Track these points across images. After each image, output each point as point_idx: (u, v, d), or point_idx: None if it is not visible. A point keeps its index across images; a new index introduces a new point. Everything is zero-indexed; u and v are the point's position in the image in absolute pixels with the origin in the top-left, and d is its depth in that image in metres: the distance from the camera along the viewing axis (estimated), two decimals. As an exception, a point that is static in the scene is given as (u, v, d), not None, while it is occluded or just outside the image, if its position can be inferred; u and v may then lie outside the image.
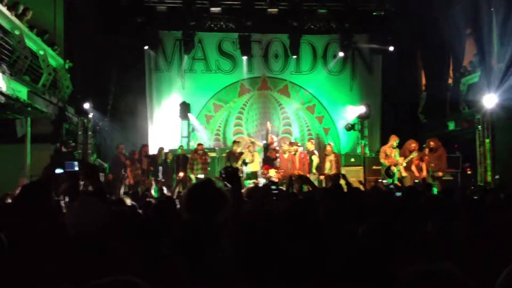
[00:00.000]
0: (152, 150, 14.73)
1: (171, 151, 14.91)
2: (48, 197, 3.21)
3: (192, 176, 13.09)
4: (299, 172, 13.32)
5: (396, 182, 12.06)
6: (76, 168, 3.56)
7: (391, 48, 16.23)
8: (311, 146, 14.13)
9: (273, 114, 17.22)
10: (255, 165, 13.73)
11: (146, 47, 16.10)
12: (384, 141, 14.17)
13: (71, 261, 2.70)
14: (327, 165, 13.53)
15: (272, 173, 12.96)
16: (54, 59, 12.37)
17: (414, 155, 12.27)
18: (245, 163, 13.26)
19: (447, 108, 14.53)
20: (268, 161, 13.51)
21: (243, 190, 6.49)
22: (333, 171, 13.15)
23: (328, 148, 13.95)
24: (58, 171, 3.67)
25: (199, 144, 14.21)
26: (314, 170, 13.58)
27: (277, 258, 2.56)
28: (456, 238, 3.61)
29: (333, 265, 2.69)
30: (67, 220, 3.10)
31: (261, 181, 12.50)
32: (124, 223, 3.36)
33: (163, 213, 4.03)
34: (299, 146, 14.27)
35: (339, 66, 17.33)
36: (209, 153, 14.65)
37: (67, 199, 4.18)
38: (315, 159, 13.72)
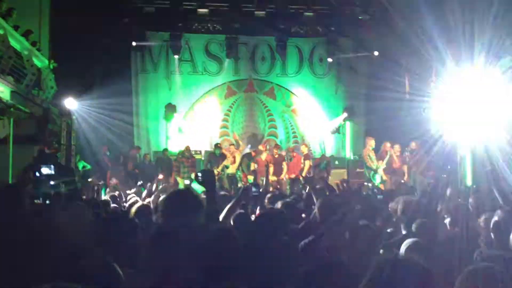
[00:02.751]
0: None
1: (155, 153, 14.91)
2: (22, 201, 3.24)
3: (179, 179, 13.06)
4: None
5: (379, 185, 12.20)
6: (52, 172, 3.59)
7: (376, 53, 16.37)
8: (305, 150, 14.41)
9: (259, 117, 17.27)
10: (234, 167, 13.85)
11: (134, 43, 15.99)
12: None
13: (48, 264, 2.73)
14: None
15: (250, 179, 13.11)
16: (38, 59, 12.30)
17: (387, 157, 12.47)
18: (226, 167, 13.47)
19: (430, 111, 14.65)
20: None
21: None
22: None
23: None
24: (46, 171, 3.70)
25: (187, 147, 14.23)
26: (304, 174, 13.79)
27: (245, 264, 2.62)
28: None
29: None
30: (47, 223, 3.13)
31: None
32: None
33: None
34: (293, 149, 14.69)
35: (324, 69, 17.45)
36: (195, 155, 14.69)
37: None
38: (307, 163, 13.96)
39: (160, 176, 12.90)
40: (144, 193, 8.45)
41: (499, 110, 10.01)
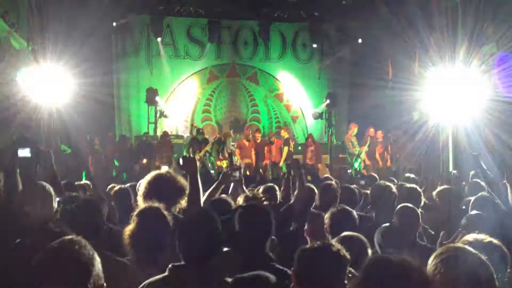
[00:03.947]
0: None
1: (136, 137, 14.75)
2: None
3: (157, 164, 12.95)
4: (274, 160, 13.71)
5: (362, 170, 12.28)
6: (29, 155, 3.50)
7: (360, 41, 16.34)
8: (285, 134, 14.31)
9: (241, 102, 17.21)
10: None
11: (114, 24, 15.65)
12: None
13: (22, 247, 2.67)
14: (308, 155, 13.81)
15: (224, 164, 13.03)
16: (16, 41, 12.01)
17: (368, 142, 12.59)
18: (208, 152, 13.44)
19: (413, 98, 14.74)
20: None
21: None
22: (313, 161, 13.48)
23: (309, 139, 14.28)
24: (23, 153, 3.62)
25: (164, 132, 14.10)
26: (283, 159, 13.73)
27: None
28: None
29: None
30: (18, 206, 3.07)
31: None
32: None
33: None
34: (274, 134, 14.59)
35: (308, 54, 17.42)
36: (177, 140, 14.58)
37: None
38: (285, 149, 13.86)
39: (144, 161, 12.80)
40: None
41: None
